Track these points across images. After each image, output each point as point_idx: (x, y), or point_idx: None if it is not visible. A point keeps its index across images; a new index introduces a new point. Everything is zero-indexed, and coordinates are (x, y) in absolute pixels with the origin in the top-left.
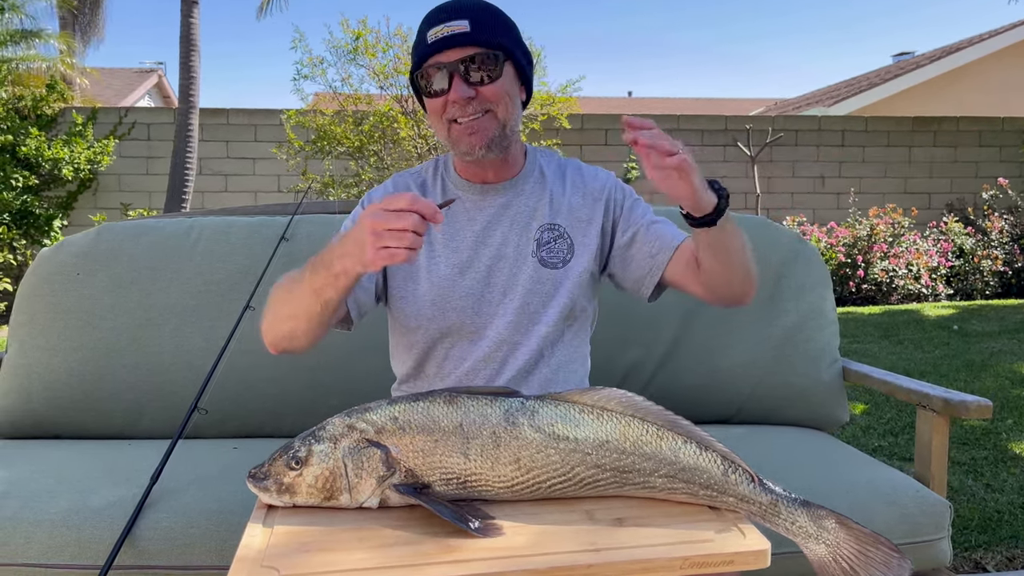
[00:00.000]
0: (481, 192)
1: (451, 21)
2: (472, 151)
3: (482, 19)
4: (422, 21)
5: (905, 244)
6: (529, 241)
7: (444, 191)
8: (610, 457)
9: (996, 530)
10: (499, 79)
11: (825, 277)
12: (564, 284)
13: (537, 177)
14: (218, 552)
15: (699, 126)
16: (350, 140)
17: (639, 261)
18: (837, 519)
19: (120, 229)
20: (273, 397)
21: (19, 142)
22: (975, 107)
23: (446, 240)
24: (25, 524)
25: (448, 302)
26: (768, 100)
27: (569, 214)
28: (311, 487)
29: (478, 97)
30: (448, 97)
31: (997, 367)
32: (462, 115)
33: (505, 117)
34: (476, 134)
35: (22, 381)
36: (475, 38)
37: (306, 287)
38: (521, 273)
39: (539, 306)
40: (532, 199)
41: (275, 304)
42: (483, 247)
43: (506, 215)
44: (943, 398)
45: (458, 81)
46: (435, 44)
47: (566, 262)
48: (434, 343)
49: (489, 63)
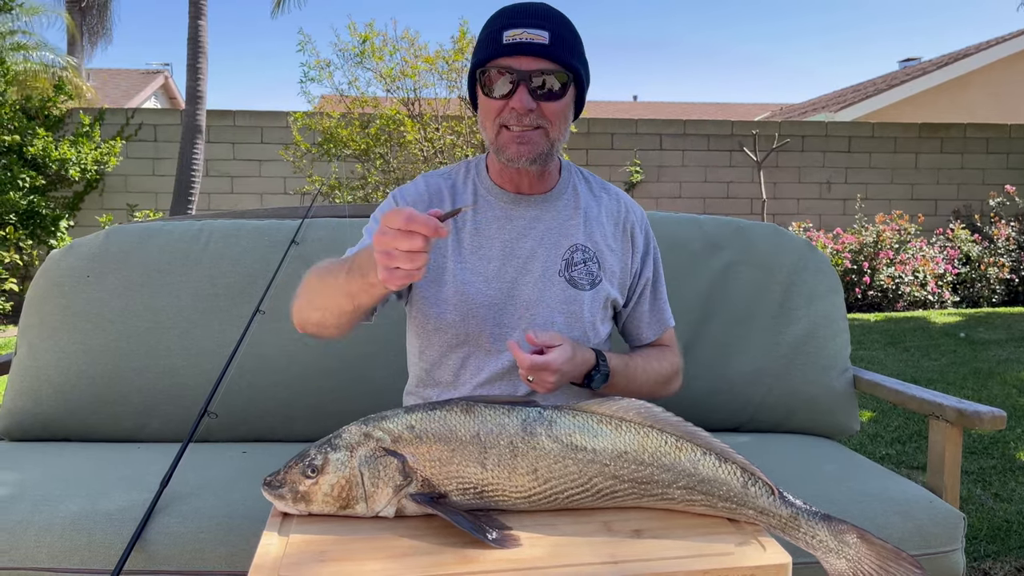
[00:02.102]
0: (514, 201)
1: (532, 28)
2: (517, 160)
3: (562, 34)
4: (498, 14)
5: (911, 251)
6: (558, 259)
7: (475, 196)
8: (628, 468)
9: (1005, 540)
10: (562, 99)
11: (836, 285)
12: (591, 307)
13: (571, 195)
14: (228, 557)
15: (705, 131)
16: (356, 143)
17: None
18: (858, 533)
19: (130, 232)
20: (283, 401)
21: (26, 142)
22: (982, 114)
23: (474, 247)
24: (35, 528)
25: (470, 309)
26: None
27: (602, 240)
28: (327, 496)
29: (537, 111)
30: (509, 103)
31: (1005, 375)
32: (517, 124)
33: (556, 137)
34: (525, 144)
35: (32, 383)
36: (552, 53)
37: (342, 287)
38: (548, 291)
39: (563, 327)
40: (564, 216)
41: (308, 291)
42: (511, 258)
43: (536, 229)
44: (956, 408)
45: (523, 91)
46: (510, 47)
47: (594, 285)
48: (450, 350)
49: (558, 82)
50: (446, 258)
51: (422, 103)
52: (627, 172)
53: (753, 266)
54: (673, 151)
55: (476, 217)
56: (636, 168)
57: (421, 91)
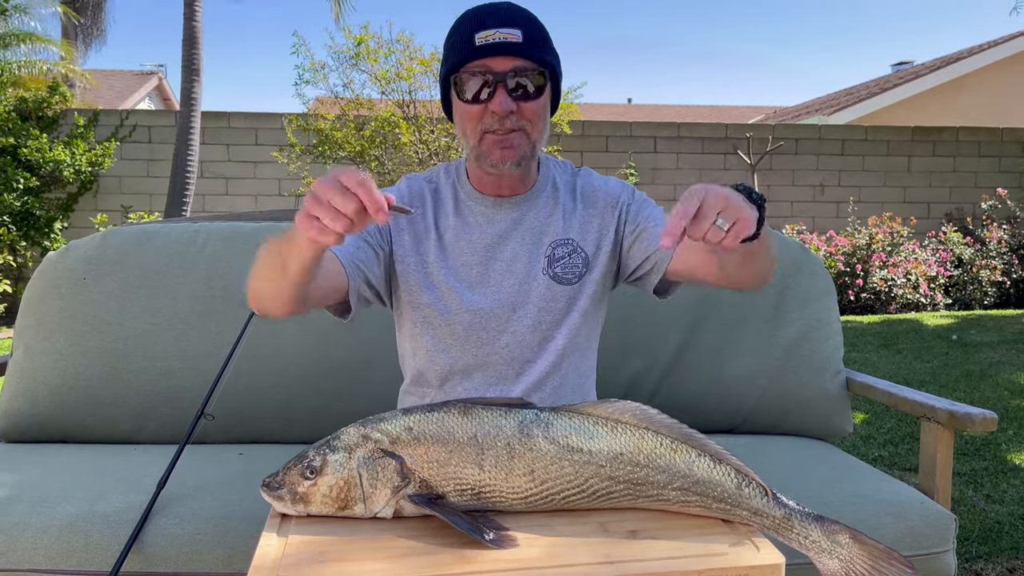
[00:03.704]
0: (494, 205)
1: (503, 28)
2: (501, 164)
3: (533, 32)
4: (465, 18)
5: (904, 253)
6: (540, 257)
7: (456, 201)
8: (624, 469)
9: (997, 541)
10: (540, 98)
11: (829, 288)
12: (578, 300)
13: (550, 191)
14: (225, 559)
15: (700, 134)
16: (351, 145)
17: (642, 258)
18: (851, 534)
19: (127, 234)
20: (281, 403)
21: (20, 144)
22: (975, 117)
23: (457, 252)
24: (32, 529)
25: (455, 315)
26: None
27: (581, 227)
28: (326, 497)
29: (516, 112)
30: (489, 107)
31: (996, 377)
32: (499, 127)
33: (536, 137)
34: (508, 149)
35: (28, 385)
36: (526, 51)
37: (274, 250)
38: (532, 291)
39: (552, 324)
40: (543, 213)
41: (255, 263)
42: (493, 262)
43: (517, 230)
44: (948, 410)
45: (502, 93)
46: (484, 48)
47: (581, 276)
48: (438, 353)
49: (535, 80)
50: (429, 264)
51: (417, 105)
52: (622, 174)
53: None
54: (667, 153)
55: (459, 223)
56: (631, 171)
57: (416, 93)
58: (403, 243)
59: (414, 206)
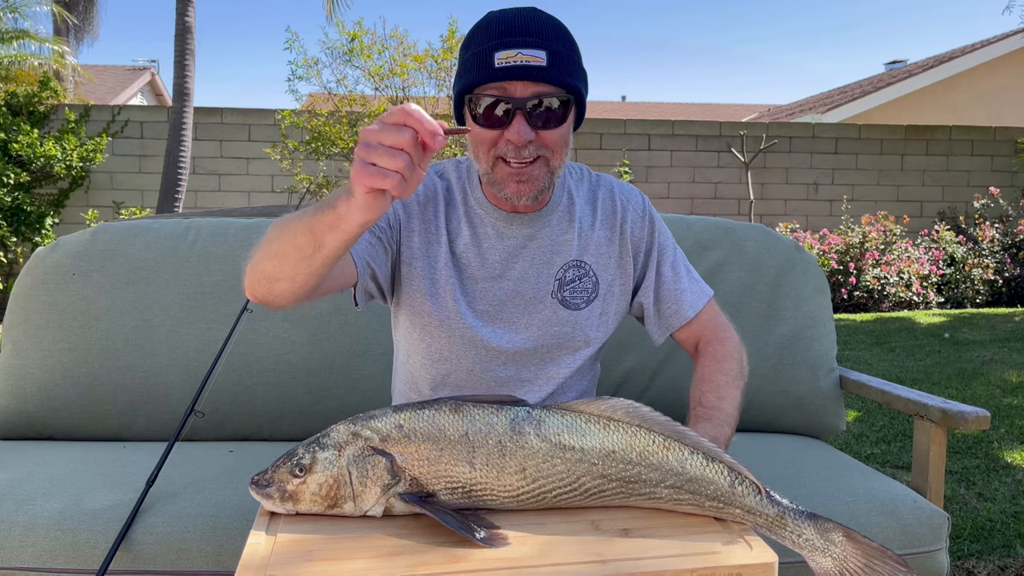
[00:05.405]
0: (507, 220)
1: (527, 48)
2: (516, 199)
3: (560, 53)
4: (485, 29)
5: (897, 252)
6: (550, 280)
7: (467, 208)
8: (616, 467)
9: (989, 539)
10: (562, 125)
11: (823, 286)
12: (584, 325)
13: (565, 206)
14: (214, 557)
15: (694, 132)
16: (344, 141)
17: (652, 315)
18: (844, 532)
19: (117, 229)
20: (271, 400)
21: (11, 139)
22: (968, 116)
23: (464, 264)
24: (19, 527)
25: (456, 330)
26: (762, 106)
27: (596, 250)
28: (315, 495)
29: (536, 140)
30: (504, 134)
31: (988, 375)
32: (515, 157)
33: (556, 166)
34: (525, 183)
35: (16, 382)
36: (551, 76)
37: (306, 224)
38: (537, 313)
39: (555, 348)
40: (557, 231)
41: (266, 240)
42: (502, 280)
43: (528, 248)
44: (941, 408)
45: (521, 120)
46: (504, 70)
47: (589, 302)
48: (433, 364)
49: (558, 107)
50: (438, 271)
51: (411, 102)
52: (616, 172)
53: (741, 267)
54: (661, 151)
55: (470, 233)
56: (625, 168)
57: (410, 90)
58: (411, 244)
59: (428, 207)
